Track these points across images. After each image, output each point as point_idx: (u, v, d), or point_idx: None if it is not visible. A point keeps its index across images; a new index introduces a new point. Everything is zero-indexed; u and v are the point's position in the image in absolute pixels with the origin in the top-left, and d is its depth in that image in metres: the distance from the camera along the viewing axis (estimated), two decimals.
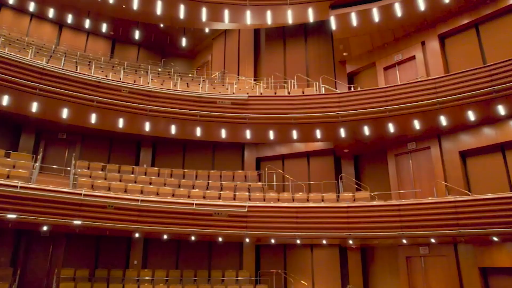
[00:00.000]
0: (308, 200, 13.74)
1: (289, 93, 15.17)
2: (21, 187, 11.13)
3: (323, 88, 15.05)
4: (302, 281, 14.99)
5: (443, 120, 12.70)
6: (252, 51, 19.06)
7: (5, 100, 12.89)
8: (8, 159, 13.21)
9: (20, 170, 12.44)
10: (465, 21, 13.52)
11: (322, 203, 13.26)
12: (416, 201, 11.99)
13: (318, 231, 12.53)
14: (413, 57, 14.77)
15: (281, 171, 16.73)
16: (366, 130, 13.79)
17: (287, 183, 16.29)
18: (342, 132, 14.07)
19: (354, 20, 14.47)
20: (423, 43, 14.58)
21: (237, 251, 15.73)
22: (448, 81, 12.33)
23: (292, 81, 16.45)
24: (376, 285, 14.32)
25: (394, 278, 13.81)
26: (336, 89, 15.71)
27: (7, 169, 12.25)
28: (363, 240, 13.28)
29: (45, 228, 13.29)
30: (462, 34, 13.85)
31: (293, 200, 13.82)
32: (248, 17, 16.45)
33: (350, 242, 13.58)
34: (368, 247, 14.76)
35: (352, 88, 14.96)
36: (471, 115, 12.32)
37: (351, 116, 13.48)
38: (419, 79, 13.20)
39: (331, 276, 14.71)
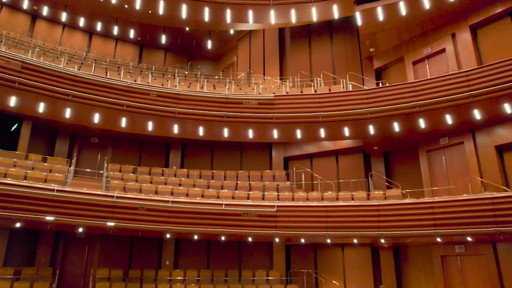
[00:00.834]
0: (337, 199, 13.57)
1: (315, 91, 15.04)
2: (58, 191, 11.54)
3: (350, 85, 14.84)
4: (333, 281, 14.82)
5: (477, 114, 12.25)
6: (277, 50, 19.02)
7: (41, 107, 13.42)
8: (45, 164, 13.73)
9: (56, 174, 12.91)
10: (499, 10, 12.99)
11: (352, 201, 13.07)
12: (450, 198, 11.62)
13: (348, 230, 12.36)
14: (443, 50, 14.34)
15: (309, 170, 16.60)
16: (396, 127, 13.48)
17: (315, 182, 16.14)
18: (371, 129, 13.82)
19: (380, 14, 14.20)
20: (453, 35, 14.12)
21: (267, 251, 15.72)
22: (482, 73, 11.89)
23: (319, 79, 16.31)
24: (410, 285, 13.96)
25: (429, 278, 13.43)
26: (363, 85, 15.48)
27: (44, 173, 12.74)
28: (395, 239, 12.98)
29: (80, 229, 13.74)
30: (495, 24, 13.32)
31: (322, 199, 13.69)
32: (272, 17, 16.44)
33: (382, 241, 13.31)
34: (401, 246, 14.42)
35: (380, 84, 14.69)
36: (507, 108, 11.82)
37: (380, 112, 13.23)
38: (451, 72, 12.79)
39: (363, 276, 14.45)
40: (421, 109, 12.59)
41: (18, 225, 13.02)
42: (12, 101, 13.02)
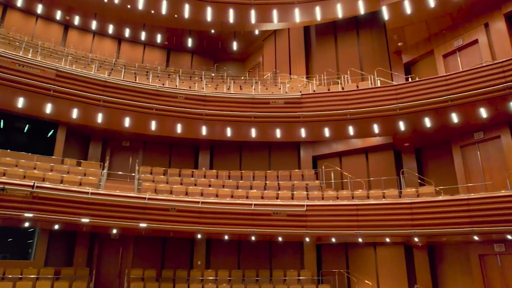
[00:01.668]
0: (368, 197, 13.34)
1: (343, 88, 14.85)
2: (92, 193, 11.90)
3: (378, 81, 14.56)
4: (366, 281, 14.57)
5: None
6: (303, 49, 18.91)
7: (75, 113, 13.89)
8: (80, 168, 14.19)
9: (90, 178, 13.33)
10: None
11: (384, 200, 12.81)
12: (487, 194, 11.18)
13: (380, 229, 12.11)
14: (476, 41, 13.82)
15: (338, 169, 16.40)
16: (427, 122, 13.12)
17: (345, 180, 15.93)
18: (401, 125, 13.50)
19: (407, 7, 13.85)
20: (486, 25, 13.58)
21: (298, 250, 15.65)
22: None
23: (346, 76, 16.09)
24: (446, 285, 13.53)
25: (467, 278, 12.96)
26: (392, 81, 15.15)
27: (79, 176, 13.16)
28: (429, 237, 12.61)
29: (114, 231, 14.12)
30: None
31: (352, 197, 13.50)
32: (297, 15, 16.36)
33: (416, 239, 12.97)
34: (435, 244, 14.01)
35: (410, 79, 14.32)
36: None
37: (410, 108, 12.91)
38: (484, 64, 12.31)
39: (397, 276, 14.14)
40: (453, 103, 12.20)
41: (56, 227, 13.53)
42: (48, 108, 13.54)
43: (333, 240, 14.72)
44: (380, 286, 14.34)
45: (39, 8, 18.72)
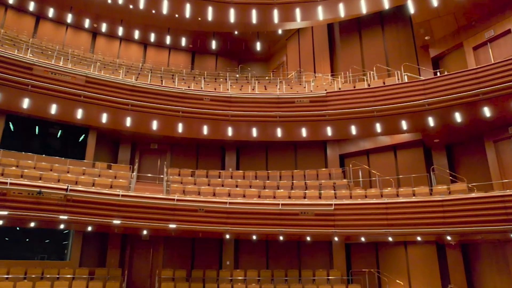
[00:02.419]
0: (398, 195, 13.09)
1: (369, 85, 14.62)
2: (122, 195, 12.20)
3: (405, 76, 14.25)
4: (397, 281, 14.29)
5: None
6: (327, 46, 18.74)
7: (104, 117, 14.28)
8: (110, 171, 14.58)
9: (120, 180, 13.66)
10: None
11: (414, 197, 12.53)
12: None
13: (411, 228, 11.85)
14: (508, 31, 13.30)
15: (366, 167, 16.16)
16: (458, 117, 12.74)
17: (374, 178, 15.67)
18: (431, 121, 13.17)
19: (434, 0, 13.49)
20: None
21: (327, 250, 15.52)
22: None
23: (371, 72, 15.84)
24: (483, 285, 13.08)
25: (505, 277, 12.49)
26: (420, 76, 14.79)
27: (110, 179, 13.52)
28: (462, 235, 12.24)
29: (144, 232, 14.42)
30: None
31: (381, 196, 13.27)
32: (320, 13, 16.24)
33: (448, 238, 12.61)
34: (470, 243, 13.57)
35: (438, 73, 13.95)
36: None
37: (439, 103, 12.58)
38: None
39: (429, 275, 13.79)
40: (485, 96, 11.80)
41: (89, 228, 13.94)
42: (79, 113, 13.99)
43: (363, 239, 14.52)
44: (412, 286, 14.03)
45: (69, 18, 19.35)
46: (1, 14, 18.33)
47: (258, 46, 21.77)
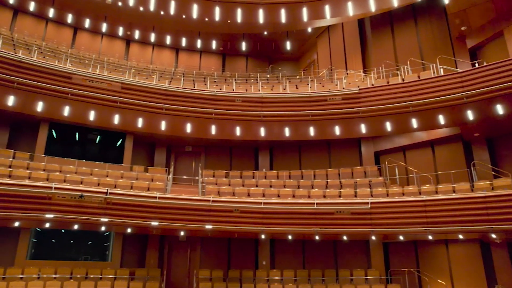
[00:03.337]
0: (437, 192, 12.69)
1: (403, 80, 14.26)
2: (160, 198, 12.50)
3: (441, 69, 13.79)
4: (439, 280, 13.84)
5: None
6: (358, 42, 18.42)
7: (140, 122, 14.69)
8: (147, 174, 14.97)
9: (157, 183, 14.00)
10: None
11: (454, 194, 12.12)
12: None
13: (451, 225, 11.45)
14: None
15: (403, 164, 15.76)
16: (499, 109, 12.19)
17: (411, 175, 15.26)
18: (470, 115, 12.69)
19: None
20: None
21: (364, 249, 15.26)
22: None
23: (405, 67, 15.43)
24: None
25: None
26: (457, 68, 14.28)
27: (147, 182, 13.89)
28: (508, 233, 11.71)
29: (182, 233, 14.72)
30: None
31: (419, 193, 12.91)
32: (350, 8, 16.01)
33: (493, 236, 12.11)
34: None
35: (477, 64, 13.40)
36: None
37: (478, 95, 12.09)
38: None
39: (473, 275, 13.26)
40: None
41: (129, 230, 14.38)
42: (116, 119, 14.47)
43: (401, 238, 14.16)
44: (455, 286, 13.55)
45: (104, 27, 20.08)
46: (42, 27, 19.25)
47: (288, 45, 21.72)
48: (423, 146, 15.60)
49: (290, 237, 14.92)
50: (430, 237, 13.47)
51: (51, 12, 18.93)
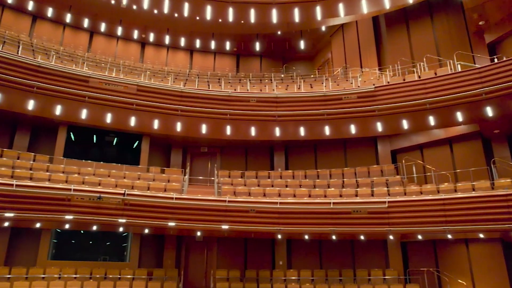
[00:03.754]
0: (456, 191, 12.47)
1: (419, 77, 14.06)
2: (176, 198, 12.61)
3: (458, 66, 13.55)
4: (459, 280, 13.59)
5: None
6: (373, 40, 18.23)
7: (156, 124, 14.84)
8: (163, 175, 15.10)
9: (174, 184, 14.11)
10: None
11: (474, 192, 11.90)
12: None
13: (471, 224, 11.25)
14: None
15: (420, 162, 15.53)
16: None
17: (428, 174, 15.02)
18: (489, 111, 12.43)
19: None
20: None
21: (382, 248, 15.09)
22: None
23: (422, 63, 15.21)
24: None
25: None
26: (475, 64, 14.01)
27: (163, 183, 14.01)
28: None
29: (198, 233, 14.80)
30: None
31: (438, 191, 12.71)
32: (364, 6, 15.87)
33: None
34: None
35: (496, 60, 13.13)
36: None
37: (498, 91, 11.84)
38: None
39: (495, 275, 12.96)
40: None
41: (146, 231, 14.54)
42: (132, 121, 14.65)
43: (419, 237, 13.97)
44: (476, 286, 13.28)
45: (119, 31, 20.34)
46: (60, 32, 19.63)
47: (302, 44, 21.64)
48: (441, 144, 15.36)
49: (306, 237, 14.87)
50: (449, 236, 13.26)
51: (68, 17, 19.27)
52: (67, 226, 13.74)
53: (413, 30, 17.07)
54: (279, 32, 20.48)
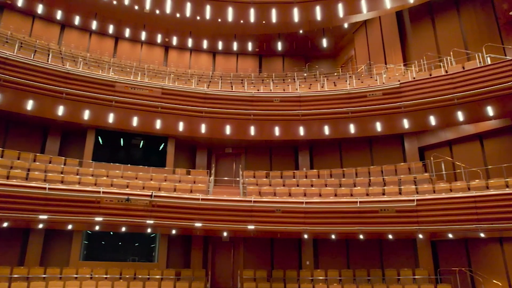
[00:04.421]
0: (488, 188, 12.08)
1: (446, 71, 13.69)
2: (202, 199, 12.74)
3: (488, 58, 13.12)
4: (494, 281, 13.14)
5: None
6: (397, 35, 17.87)
7: (181, 126, 15.04)
8: (189, 176, 15.29)
9: (199, 185, 14.27)
10: None
11: (507, 189, 11.48)
12: None
13: (505, 222, 10.86)
14: None
15: (449, 159, 15.12)
16: None
17: (458, 171, 14.60)
18: None
19: None
20: None
21: (411, 248, 14.78)
22: None
23: (448, 58, 14.81)
24: None
25: None
26: (505, 56, 13.52)
27: (189, 184, 14.18)
28: None
29: (224, 234, 14.90)
30: None
31: (469, 189, 12.34)
32: (387, 1, 15.61)
33: None
34: None
35: None
36: None
37: None
38: None
39: None
40: None
41: (173, 232, 14.74)
42: (158, 123, 14.90)
43: (450, 236, 13.59)
44: None
45: (143, 35, 20.75)
46: (86, 39, 20.18)
47: (324, 42, 21.45)
48: (470, 139, 14.89)
49: (333, 236, 14.72)
50: (482, 235, 12.83)
51: (94, 25, 19.80)
52: (97, 227, 14.10)
53: (439, 23, 16.63)
54: (301, 31, 20.37)
